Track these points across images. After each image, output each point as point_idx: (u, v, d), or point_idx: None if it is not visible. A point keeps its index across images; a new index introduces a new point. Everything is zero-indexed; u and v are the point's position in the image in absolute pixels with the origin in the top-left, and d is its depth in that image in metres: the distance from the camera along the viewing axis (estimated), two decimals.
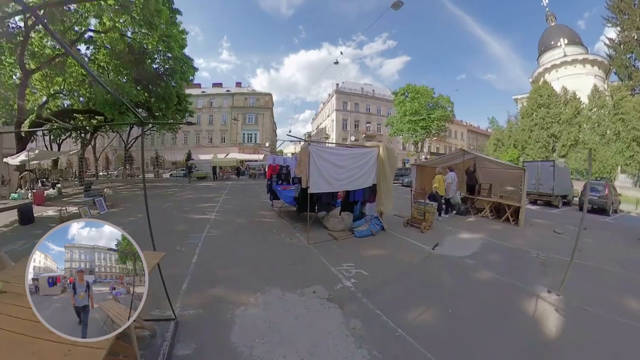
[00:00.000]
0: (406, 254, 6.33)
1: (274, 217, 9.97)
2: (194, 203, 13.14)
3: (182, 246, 6.65)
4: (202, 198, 14.85)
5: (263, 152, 47.98)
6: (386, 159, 7.94)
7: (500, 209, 10.71)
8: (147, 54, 21.49)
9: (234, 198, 14.80)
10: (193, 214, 10.56)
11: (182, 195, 16.27)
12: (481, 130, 72.74)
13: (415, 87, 44.26)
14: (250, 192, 18.13)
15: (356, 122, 52.49)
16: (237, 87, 57.19)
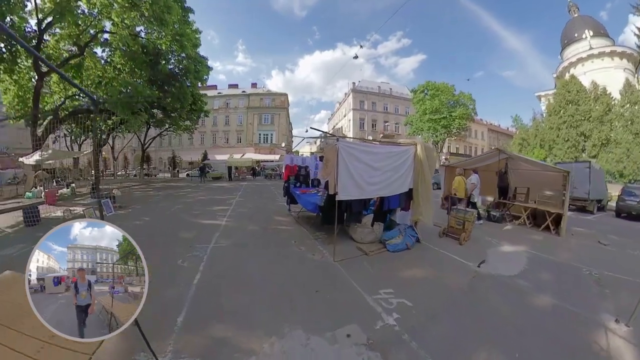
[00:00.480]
0: (450, 275, 5.21)
1: (292, 223, 8.79)
2: (206, 205, 12.13)
3: (185, 260, 5.57)
4: (215, 200, 13.85)
5: (279, 152, 47.13)
6: (425, 159, 6.64)
7: (537, 216, 9.47)
8: (161, 55, 20.99)
9: (249, 200, 13.73)
10: (203, 218, 9.49)
11: (194, 197, 15.34)
12: (502, 130, 69.79)
13: (435, 84, 42.49)
14: (266, 193, 17.07)
15: (373, 121, 50.90)
16: (252, 88, 56.59)
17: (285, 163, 10.14)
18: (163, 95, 21.97)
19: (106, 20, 17.09)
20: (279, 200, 13.55)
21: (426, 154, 6.75)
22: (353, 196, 5.52)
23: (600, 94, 33.50)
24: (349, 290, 4.42)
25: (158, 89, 21.30)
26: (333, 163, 5.04)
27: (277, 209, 11.35)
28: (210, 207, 11.78)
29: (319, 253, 6.02)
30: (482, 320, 3.76)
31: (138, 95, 17.79)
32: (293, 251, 6.18)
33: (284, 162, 10.23)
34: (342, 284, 4.64)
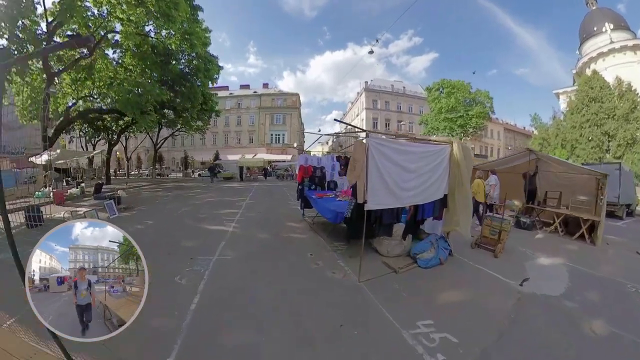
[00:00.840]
0: (493, 297, 4.38)
1: (306, 231, 7.85)
2: (214, 208, 11.30)
3: (183, 276, 4.72)
4: (224, 202, 13.03)
5: (291, 152, 46.44)
6: (462, 160, 5.62)
7: (569, 223, 8.54)
8: (171, 55, 20.71)
9: (259, 203, 12.86)
10: (209, 223, 8.64)
11: (203, 198, 14.58)
12: (518, 129, 67.37)
13: (451, 81, 41.08)
14: (278, 195, 16.23)
15: (387, 121, 49.65)
16: (264, 88, 56.12)
17: (299, 164, 9.16)
18: (174, 95, 21.73)
19: (115, 20, 16.79)
20: (291, 202, 12.69)
21: (463, 154, 5.74)
22: (385, 205, 4.53)
23: (625, 90, 31.50)
24: (380, 323, 3.50)
25: (169, 89, 20.98)
26: (362, 164, 4.03)
27: (290, 212, 10.45)
28: (218, 210, 10.94)
29: (340, 270, 5.04)
30: (539, 358, 3.07)
31: (147, 95, 17.44)
32: (309, 268, 5.21)
33: (298, 163, 9.24)
34: (371, 314, 3.70)
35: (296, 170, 20.06)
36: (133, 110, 17.74)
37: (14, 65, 14.52)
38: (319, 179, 9.07)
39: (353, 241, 5.80)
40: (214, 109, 28.12)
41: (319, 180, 9.08)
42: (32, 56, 14.26)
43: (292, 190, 18.53)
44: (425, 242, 5.83)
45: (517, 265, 5.74)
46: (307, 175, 8.92)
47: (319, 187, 9.14)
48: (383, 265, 5.33)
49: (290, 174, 31.52)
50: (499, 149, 62.64)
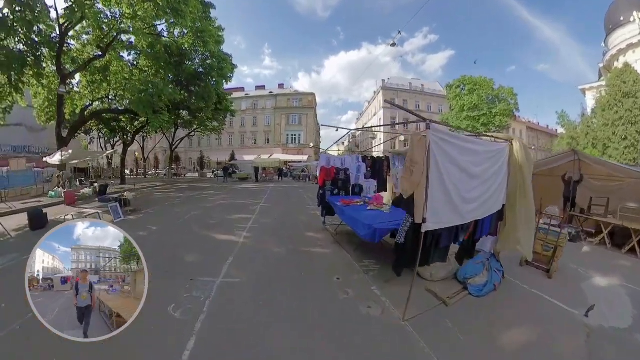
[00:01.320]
0: (560, 334, 3.44)
1: (329, 243, 6.71)
2: (225, 212, 10.38)
3: (179, 305, 3.72)
4: (237, 206, 12.08)
5: (307, 152, 45.54)
6: (524, 163, 4.42)
7: (615, 233, 7.44)
8: (185, 55, 20.49)
9: (275, 206, 11.87)
10: (218, 231, 7.65)
11: (215, 201, 13.72)
12: (541, 128, 64.23)
13: (472, 78, 39.21)
14: (295, 198, 15.20)
15: (405, 119, 47.98)
16: (279, 89, 55.45)
17: (320, 164, 8.01)
18: (188, 95, 21.38)
19: (124, 18, 16.34)
20: (310, 207, 11.64)
21: (525, 156, 4.51)
22: (447, 223, 3.40)
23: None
24: None
25: (183, 89, 20.67)
26: (422, 168, 2.85)
27: (309, 219, 9.36)
28: (230, 214, 9.99)
29: (377, 303, 3.87)
30: None
31: (159, 94, 17.00)
32: (337, 299, 4.05)
33: (319, 164, 8.10)
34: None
35: (316, 172, 19.14)
36: (145, 109, 17.27)
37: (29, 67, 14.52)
38: (343, 182, 7.94)
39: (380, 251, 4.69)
40: (229, 109, 27.51)
41: (343, 184, 7.95)
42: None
43: (310, 192, 17.55)
44: (476, 263, 4.66)
45: (575, 289, 4.79)
46: (330, 178, 7.81)
47: (343, 191, 8.04)
48: (427, 294, 4.17)
49: (306, 174, 30.50)
50: None
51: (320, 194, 7.89)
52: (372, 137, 50.95)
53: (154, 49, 18.45)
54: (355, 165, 8.17)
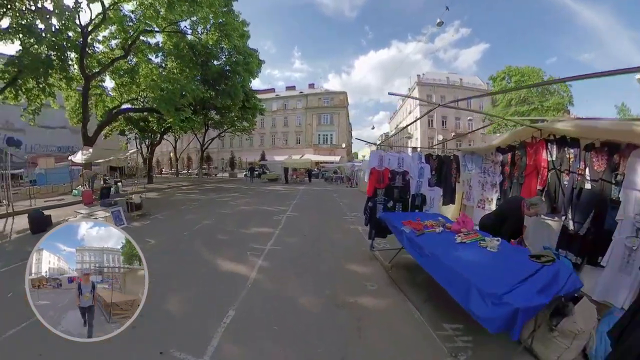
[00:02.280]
0: None
1: (383, 286, 4.17)
2: (243, 222, 8.25)
3: None
4: (259, 213, 9.93)
5: (340, 153, 43.22)
6: None
7: None
8: (211, 54, 19.69)
9: (304, 216, 9.52)
10: (225, 253, 5.42)
11: (236, 205, 11.69)
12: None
13: (519, 68, 34.98)
14: (328, 204, 12.81)
15: (443, 117, 44.15)
16: (310, 89, 53.48)
17: (369, 166, 5.53)
18: (215, 94, 20.12)
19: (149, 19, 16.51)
20: (347, 218, 9.18)
21: None
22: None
23: None
24: None
25: (210, 88, 19.79)
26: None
27: (349, 239, 6.88)
28: (248, 226, 7.79)
29: None
30: None
31: (181, 91, 16.38)
32: None
33: (369, 164, 5.49)
34: None
35: (363, 176, 16.76)
36: (167, 107, 15.96)
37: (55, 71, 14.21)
38: (400, 190, 5.43)
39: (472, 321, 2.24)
40: (258, 107, 25.79)
41: (400, 193, 5.45)
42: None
43: (345, 196, 15.16)
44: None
45: None
46: (382, 185, 5.32)
47: (399, 203, 5.55)
48: None
49: (339, 176, 27.91)
50: None
51: (370, 207, 5.40)
52: (407, 138, 47.62)
53: (178, 48, 18.04)
54: (416, 167, 5.63)
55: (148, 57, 19.29)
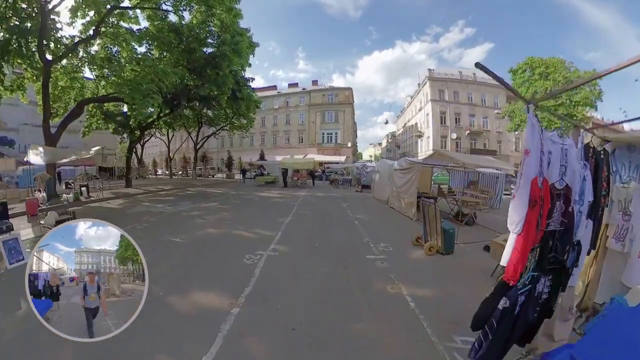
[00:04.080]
0: None
1: None
2: (197, 264, 4.47)
3: None
4: (228, 244, 5.97)
5: (345, 153, 39.24)
6: None
7: None
8: (197, 38, 16.04)
9: (297, 257, 5.54)
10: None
11: (204, 224, 7.64)
12: (602, 122, 52.05)
13: (542, 59, 30.58)
14: (337, 222, 8.78)
15: (457, 115, 39.80)
16: (313, 85, 49.44)
17: (526, 176, 1.55)
18: (200, 82, 16.38)
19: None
20: (376, 260, 5.13)
21: None
22: None
23: None
24: None
25: (196, 77, 16.50)
26: None
27: (383, 298, 3.07)
28: (213, 266, 4.17)
29: None
30: None
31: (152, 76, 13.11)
32: None
33: (525, 173, 1.59)
34: None
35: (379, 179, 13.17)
36: (131, 93, 12.34)
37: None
38: (559, 241, 1.66)
39: None
40: (252, 99, 21.86)
41: (557, 248, 1.66)
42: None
43: (358, 207, 11.11)
44: None
45: None
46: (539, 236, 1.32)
47: (550, 275, 1.69)
48: None
49: (346, 178, 23.67)
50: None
51: (503, 310, 1.47)
52: (417, 136, 43.48)
53: (162, 32, 14.98)
54: (579, 173, 1.73)
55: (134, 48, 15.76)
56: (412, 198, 9.10)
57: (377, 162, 25.97)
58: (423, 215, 6.30)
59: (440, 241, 5.81)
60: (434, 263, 5.26)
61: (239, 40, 15.71)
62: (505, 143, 40.79)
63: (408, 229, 7.71)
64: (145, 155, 56.29)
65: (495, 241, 5.28)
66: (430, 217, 5.99)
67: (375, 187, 14.72)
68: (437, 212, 5.78)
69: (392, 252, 5.70)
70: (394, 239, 6.64)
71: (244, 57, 16.68)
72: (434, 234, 6.00)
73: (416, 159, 10.25)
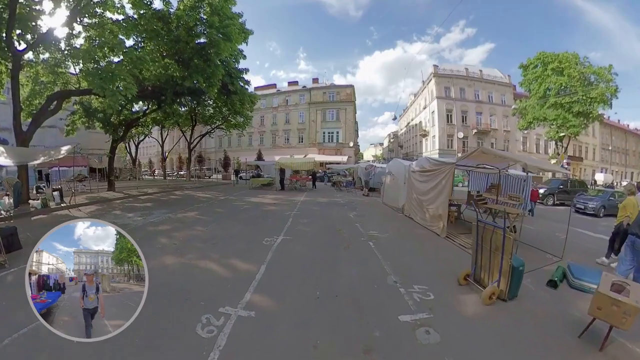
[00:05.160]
0: None
1: None
2: (149, 318, 2.41)
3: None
4: (199, 277, 4.03)
5: (347, 152, 37.12)
6: None
7: None
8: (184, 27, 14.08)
9: (290, 295, 3.69)
10: None
11: (166, 248, 5.53)
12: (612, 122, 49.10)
13: (554, 54, 28.29)
14: (343, 236, 6.88)
15: (463, 112, 37.60)
16: (314, 83, 47.22)
17: None
18: (186, 73, 14.40)
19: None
20: (401, 294, 3.22)
21: None
22: None
23: None
24: None
25: (182, 67, 14.49)
26: None
27: None
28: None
29: None
30: None
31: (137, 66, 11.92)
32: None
33: None
34: None
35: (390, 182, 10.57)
36: (101, 82, 10.65)
37: None
38: None
39: None
40: (246, 93, 19.63)
41: None
42: None
43: (368, 217, 9.00)
44: None
45: None
46: None
47: None
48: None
49: (351, 180, 21.21)
50: (595, 149, 47.43)
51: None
52: (422, 135, 41.28)
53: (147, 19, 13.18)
54: None
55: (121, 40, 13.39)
56: (442, 209, 6.94)
57: (380, 161, 23.61)
58: (476, 241, 4.17)
59: (506, 283, 3.72)
60: (502, 321, 3.32)
61: (228, 24, 13.55)
62: (513, 142, 38.68)
63: (442, 254, 5.61)
64: (143, 156, 54.38)
65: (603, 293, 3.06)
66: (492, 246, 3.86)
67: (386, 191, 12.55)
68: (507, 242, 3.65)
69: (434, 303, 3.59)
70: (429, 274, 4.54)
71: (234, 43, 14.45)
72: (494, 271, 3.89)
73: (446, 158, 8.13)
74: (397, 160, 13.51)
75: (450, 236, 7.03)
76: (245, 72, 18.85)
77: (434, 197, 7.29)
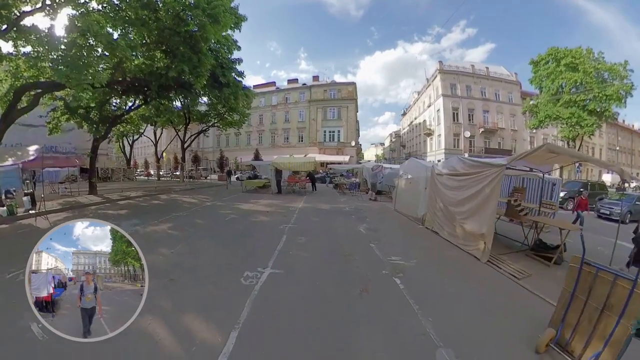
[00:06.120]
0: None
1: None
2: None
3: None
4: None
5: (349, 152, 35.30)
6: None
7: None
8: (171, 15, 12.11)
9: None
10: None
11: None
12: (626, 126, 48.16)
13: (567, 50, 26.54)
14: (355, 266, 5.09)
15: (470, 111, 35.75)
16: (314, 81, 45.37)
17: None
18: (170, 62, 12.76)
19: None
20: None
21: None
22: None
23: None
24: None
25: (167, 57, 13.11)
26: None
27: None
28: None
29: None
30: None
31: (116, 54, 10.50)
32: None
33: None
34: None
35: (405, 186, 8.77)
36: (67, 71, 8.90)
37: None
38: None
39: None
40: (239, 86, 17.77)
41: None
42: None
43: (383, 231, 6.98)
44: None
45: None
46: None
47: None
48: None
49: (355, 182, 19.18)
50: (601, 150, 45.84)
51: None
52: (426, 134, 39.40)
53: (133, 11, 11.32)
54: None
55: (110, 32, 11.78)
56: (486, 228, 5.10)
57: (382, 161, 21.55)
58: (573, 291, 2.39)
59: (613, 358, 1.97)
60: None
61: (216, 5, 11.69)
62: (521, 142, 36.87)
63: (494, 293, 3.84)
64: (140, 155, 52.54)
65: None
66: (604, 303, 2.08)
67: (400, 196, 10.70)
68: (633, 300, 1.87)
69: None
70: (489, 336, 2.77)
71: (223, 26, 12.52)
72: (596, 338, 2.12)
73: (493, 159, 6.28)
74: (414, 159, 11.61)
75: (492, 260, 5.26)
76: (239, 62, 17.03)
77: (473, 210, 5.45)
